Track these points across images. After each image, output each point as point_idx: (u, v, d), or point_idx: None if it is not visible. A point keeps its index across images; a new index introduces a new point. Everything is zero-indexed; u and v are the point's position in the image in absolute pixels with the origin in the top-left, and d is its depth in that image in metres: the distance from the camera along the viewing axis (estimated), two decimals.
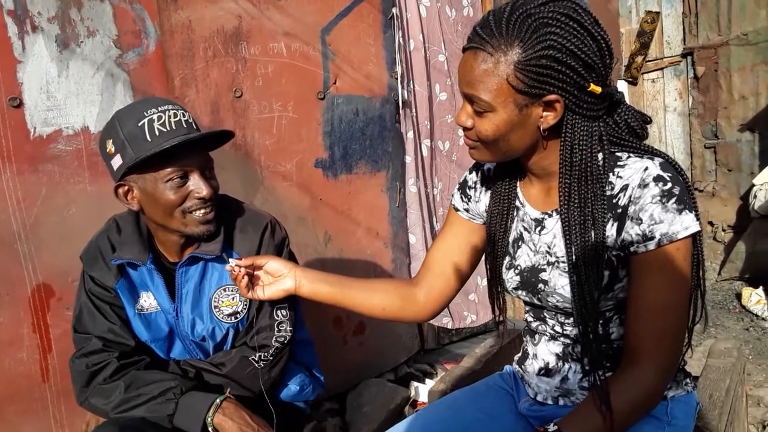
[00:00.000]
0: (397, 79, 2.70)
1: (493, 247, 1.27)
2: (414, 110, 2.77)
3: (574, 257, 1.09)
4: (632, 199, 1.05)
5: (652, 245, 1.04)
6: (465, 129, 1.12)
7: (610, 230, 1.07)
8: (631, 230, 1.05)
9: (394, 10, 2.68)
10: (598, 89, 1.03)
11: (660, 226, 1.03)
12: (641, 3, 4.88)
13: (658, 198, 1.02)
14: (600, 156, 1.07)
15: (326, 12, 2.49)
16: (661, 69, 5.09)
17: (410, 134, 2.77)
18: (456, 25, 2.94)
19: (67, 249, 1.60)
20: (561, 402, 1.23)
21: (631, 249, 1.06)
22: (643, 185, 1.04)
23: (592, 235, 1.07)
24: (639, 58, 4.74)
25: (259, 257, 1.33)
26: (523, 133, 1.07)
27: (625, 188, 1.06)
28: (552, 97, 1.03)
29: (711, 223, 5.06)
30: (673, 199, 1.02)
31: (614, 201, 1.07)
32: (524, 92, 1.02)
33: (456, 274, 1.34)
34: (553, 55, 0.99)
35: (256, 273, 1.32)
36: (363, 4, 2.59)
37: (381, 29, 2.66)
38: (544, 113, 1.05)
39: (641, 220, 1.04)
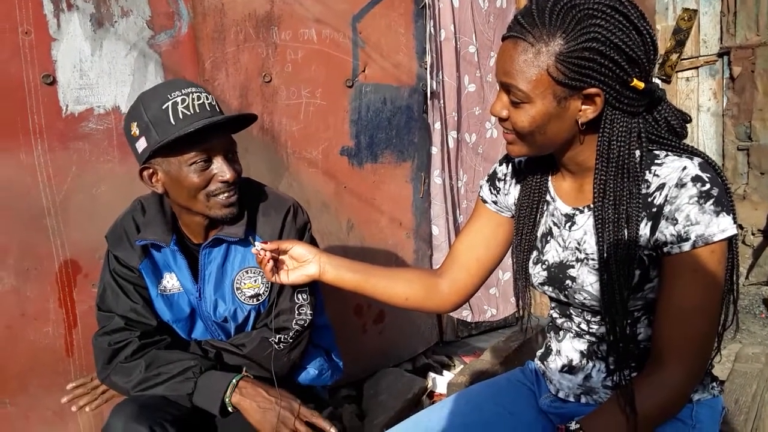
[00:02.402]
0: (426, 69, 2.68)
1: (521, 240, 1.25)
2: (442, 101, 2.75)
3: (605, 254, 1.07)
4: (668, 198, 1.02)
5: (686, 246, 1.01)
6: (500, 120, 1.10)
7: (644, 229, 1.05)
8: (666, 230, 1.03)
9: (427, 0, 2.65)
10: (641, 85, 1.00)
11: (696, 228, 1.00)
12: (678, 0, 4.78)
13: (696, 199, 1.00)
14: (637, 153, 1.05)
15: None
16: (696, 68, 4.99)
17: (437, 125, 2.75)
18: (488, 17, 2.90)
19: (95, 226, 1.62)
20: (583, 400, 1.22)
21: (665, 249, 1.04)
22: (680, 185, 1.01)
23: (625, 233, 1.05)
24: (674, 56, 4.65)
25: (284, 241, 1.33)
26: (560, 127, 1.05)
27: (661, 187, 1.03)
28: (592, 90, 1.00)
29: (740, 226, 4.96)
30: (711, 201, 1.00)
31: (649, 200, 1.05)
32: (564, 84, 1.00)
33: (480, 267, 1.32)
34: (597, 47, 0.97)
35: (280, 257, 1.32)
36: None
37: (412, 18, 2.64)
38: (583, 107, 1.03)
39: (677, 220, 1.01)
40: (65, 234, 1.91)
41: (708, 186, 1.00)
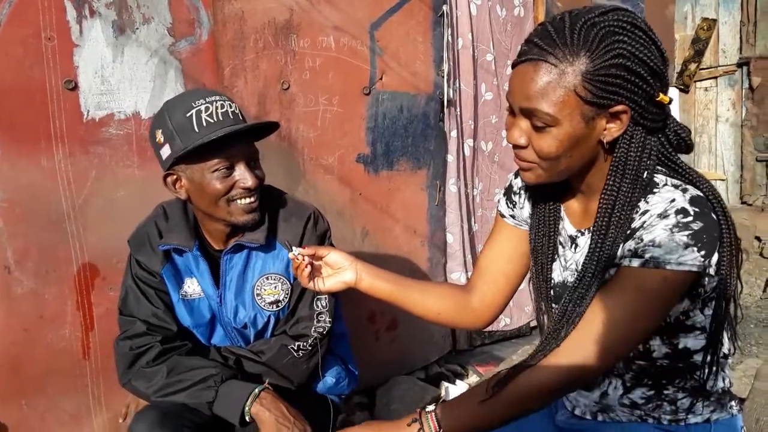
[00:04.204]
0: (443, 77, 2.68)
1: (535, 257, 1.24)
2: (458, 109, 2.75)
3: (586, 274, 1.06)
4: (645, 225, 1.00)
5: (636, 263, 0.99)
6: (518, 148, 1.07)
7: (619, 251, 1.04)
8: (627, 247, 1.01)
9: (445, 8, 2.66)
10: (667, 99, 1.00)
11: (654, 250, 0.97)
12: (698, 9, 4.75)
13: (670, 227, 0.97)
14: (645, 175, 1.03)
15: (376, 7, 2.48)
16: (715, 78, 4.95)
17: (453, 133, 2.75)
18: (506, 25, 2.90)
19: (114, 231, 1.64)
20: (600, 417, 1.20)
21: (618, 262, 1.02)
22: (663, 216, 0.99)
23: (607, 257, 1.03)
24: (692, 66, 4.61)
25: (321, 248, 1.31)
26: (586, 148, 1.03)
27: (644, 213, 1.01)
28: (620, 107, 0.99)
29: (758, 239, 4.90)
30: (686, 232, 0.96)
31: (630, 224, 1.03)
32: (592, 103, 0.98)
33: (506, 282, 1.32)
34: (624, 63, 0.96)
35: (316, 264, 1.31)
36: (414, 1, 2.57)
37: (430, 26, 2.64)
38: (608, 125, 1.02)
39: (642, 239, 0.99)
40: (84, 238, 1.92)
41: (689, 219, 0.97)
